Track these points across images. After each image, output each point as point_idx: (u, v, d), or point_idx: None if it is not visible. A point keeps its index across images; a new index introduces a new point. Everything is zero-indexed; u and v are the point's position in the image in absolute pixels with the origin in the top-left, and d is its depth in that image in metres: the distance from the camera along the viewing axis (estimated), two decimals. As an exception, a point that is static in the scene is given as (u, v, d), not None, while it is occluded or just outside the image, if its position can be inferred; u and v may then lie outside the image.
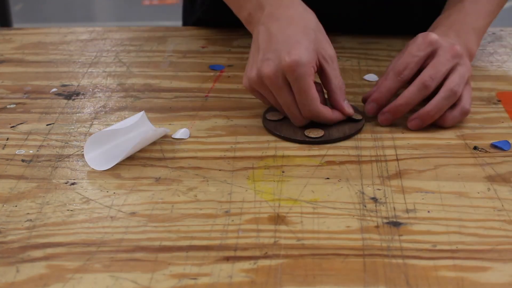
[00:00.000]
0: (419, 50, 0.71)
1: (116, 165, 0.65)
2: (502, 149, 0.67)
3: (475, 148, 0.68)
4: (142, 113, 0.69)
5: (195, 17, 1.02)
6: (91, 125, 0.73)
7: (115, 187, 0.62)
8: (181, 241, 0.54)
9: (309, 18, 0.70)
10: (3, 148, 0.68)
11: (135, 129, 0.68)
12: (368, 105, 0.72)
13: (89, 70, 0.87)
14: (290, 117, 0.70)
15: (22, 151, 0.68)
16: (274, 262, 0.52)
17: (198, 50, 0.93)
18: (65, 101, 0.78)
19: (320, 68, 0.69)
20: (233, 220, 0.57)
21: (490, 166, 0.64)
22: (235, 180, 0.62)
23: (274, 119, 0.72)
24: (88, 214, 0.58)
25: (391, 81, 0.71)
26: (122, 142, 0.67)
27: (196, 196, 0.60)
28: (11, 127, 0.73)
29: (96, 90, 0.81)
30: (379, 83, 0.73)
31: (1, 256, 0.53)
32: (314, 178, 0.63)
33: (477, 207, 0.58)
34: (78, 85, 0.83)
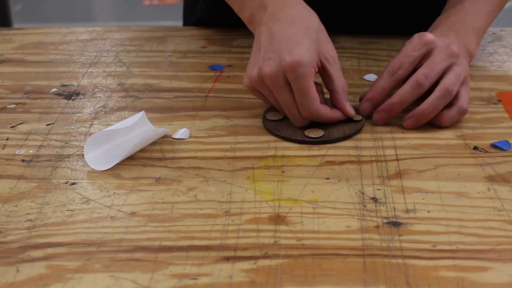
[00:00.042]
0: (414, 50, 0.71)
1: (116, 165, 0.65)
2: (502, 149, 0.67)
3: (475, 148, 0.68)
4: (142, 113, 0.69)
5: (195, 17, 1.02)
6: (91, 125, 0.73)
7: (115, 187, 0.62)
8: (181, 241, 0.54)
9: (312, 19, 0.70)
10: (3, 148, 0.68)
11: (135, 129, 0.68)
12: (363, 104, 0.73)
13: (89, 70, 0.87)
14: (290, 118, 0.70)
15: (22, 151, 0.68)
16: (274, 262, 0.52)
17: (198, 50, 0.93)
18: (65, 101, 0.78)
19: (322, 69, 0.69)
20: (233, 220, 0.57)
21: (490, 166, 0.64)
22: (235, 180, 0.62)
23: (274, 119, 0.72)
24: (88, 214, 0.58)
25: (385, 81, 0.72)
26: (122, 142, 0.67)
27: (196, 196, 0.60)
28: (11, 127, 0.73)
29: (96, 90, 0.81)
30: (374, 83, 0.73)
31: (1, 256, 0.53)
32: (314, 178, 0.63)
33: (477, 207, 0.58)
34: (78, 85, 0.83)
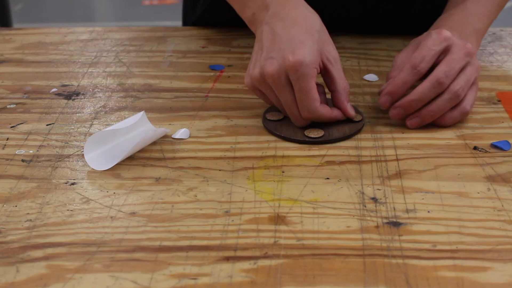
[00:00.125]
0: (435, 45, 0.70)
1: (116, 165, 0.65)
2: (502, 149, 0.67)
3: (475, 148, 0.68)
4: (142, 113, 0.69)
5: (195, 17, 1.02)
6: (91, 125, 0.73)
7: (115, 187, 0.62)
8: (181, 241, 0.54)
9: (314, 19, 0.70)
10: (3, 148, 0.68)
11: (135, 129, 0.68)
12: (383, 98, 0.72)
13: (89, 70, 0.87)
14: (291, 117, 0.70)
15: (22, 151, 0.68)
16: (274, 262, 0.52)
17: (198, 50, 0.93)
18: (65, 101, 0.78)
19: (324, 69, 0.69)
20: (233, 220, 0.57)
21: (490, 166, 0.64)
22: (235, 180, 0.62)
23: (274, 119, 0.72)
24: (88, 214, 0.58)
25: (407, 74, 0.70)
26: (122, 142, 0.67)
27: (196, 196, 0.60)
28: (11, 127, 0.73)
29: (96, 90, 0.81)
30: (393, 77, 0.72)
31: (1, 256, 0.53)
32: (314, 178, 0.63)
33: (477, 207, 0.58)
34: (78, 85, 0.83)
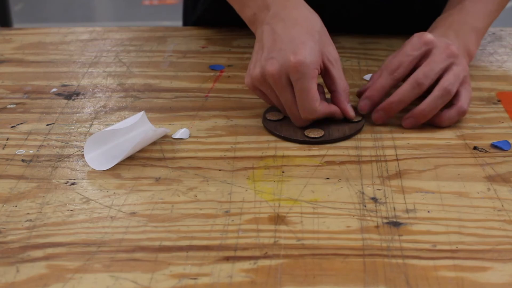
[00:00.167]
0: (414, 50, 0.71)
1: (116, 165, 0.65)
2: (502, 149, 0.67)
3: (475, 148, 0.68)
4: (142, 113, 0.69)
5: (195, 17, 1.02)
6: (91, 125, 0.73)
7: (115, 187, 0.62)
8: (181, 241, 0.54)
9: (314, 20, 0.70)
10: (3, 148, 0.68)
11: (135, 129, 0.68)
12: (362, 102, 0.72)
13: (89, 70, 0.87)
14: (291, 117, 0.70)
15: (22, 151, 0.68)
16: (274, 262, 0.52)
17: (198, 50, 0.93)
18: (65, 101, 0.79)
19: (325, 70, 0.70)
20: (233, 220, 0.57)
21: (490, 166, 0.64)
22: (235, 180, 0.62)
23: (274, 119, 0.72)
24: (88, 214, 0.58)
25: (385, 79, 0.71)
26: (122, 142, 0.67)
27: (196, 196, 0.60)
28: (11, 127, 0.73)
29: (96, 90, 0.81)
30: (373, 81, 0.73)
31: (1, 256, 0.53)
32: (314, 178, 0.63)
33: (477, 207, 0.58)
34: (78, 85, 0.83)
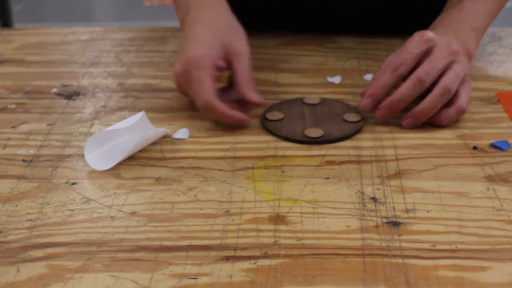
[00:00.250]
0: (415, 47, 0.71)
1: (116, 165, 0.65)
2: (502, 149, 0.67)
3: (475, 148, 0.68)
4: (142, 113, 0.69)
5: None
6: (92, 125, 0.73)
7: (115, 187, 0.62)
8: (181, 241, 0.54)
9: (223, 19, 0.74)
10: (4, 148, 0.68)
11: (135, 129, 0.68)
12: (364, 100, 0.73)
13: (90, 70, 0.87)
14: (199, 109, 0.71)
15: (23, 151, 0.68)
16: (274, 262, 0.52)
17: (198, 50, 0.93)
18: (66, 101, 0.79)
19: (229, 64, 0.73)
20: (233, 220, 0.57)
21: (490, 166, 0.65)
22: (235, 180, 0.63)
23: (274, 119, 0.72)
24: (89, 214, 0.58)
25: (387, 77, 0.72)
26: (122, 142, 0.67)
27: (196, 196, 0.60)
28: (12, 127, 0.73)
29: (97, 90, 0.81)
30: (375, 79, 0.73)
31: (2, 256, 0.53)
32: (314, 178, 0.63)
33: (477, 207, 0.58)
34: (79, 85, 0.83)
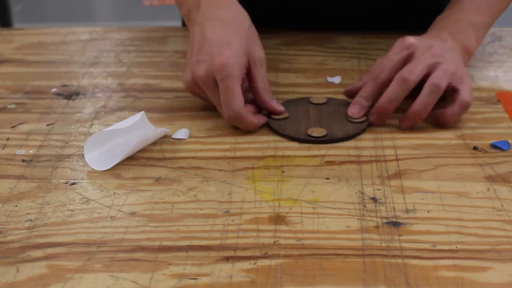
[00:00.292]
0: (395, 54, 0.72)
1: (116, 165, 0.65)
2: (502, 149, 0.67)
3: (475, 148, 0.68)
4: (142, 113, 0.69)
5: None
6: (91, 125, 0.73)
7: (115, 187, 0.62)
8: (181, 241, 0.54)
9: (243, 20, 0.71)
10: (4, 148, 0.68)
11: (135, 129, 0.68)
12: (352, 108, 0.72)
13: (89, 70, 0.87)
14: (225, 119, 0.70)
15: (22, 151, 0.68)
16: (274, 262, 0.52)
17: (198, 50, 0.93)
18: (65, 101, 0.79)
19: (248, 71, 0.71)
20: (233, 220, 0.57)
21: (490, 166, 0.64)
22: (235, 180, 0.63)
23: (279, 118, 0.72)
24: (88, 214, 0.58)
25: (369, 86, 0.72)
26: (122, 142, 0.67)
27: (196, 196, 0.60)
28: (12, 127, 0.73)
29: (96, 90, 0.81)
30: (358, 88, 0.74)
31: (1, 256, 0.53)
32: (314, 178, 0.63)
33: (477, 207, 0.58)
34: (78, 85, 0.83)
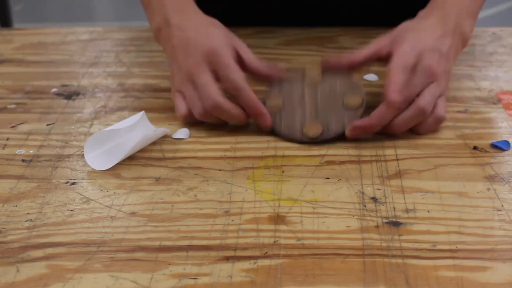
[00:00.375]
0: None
1: (116, 165, 0.65)
2: (502, 149, 0.67)
3: (475, 148, 0.68)
4: (142, 113, 0.69)
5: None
6: (91, 125, 0.73)
7: (115, 187, 0.62)
8: (181, 241, 0.54)
9: (216, 21, 0.73)
10: (4, 148, 0.68)
11: (135, 129, 0.68)
12: (353, 131, 0.68)
13: (89, 70, 0.87)
14: (254, 118, 0.70)
15: (22, 151, 0.68)
16: (274, 262, 0.52)
17: (198, 50, 0.93)
18: (65, 101, 0.79)
19: (237, 56, 0.71)
20: (233, 220, 0.57)
21: (490, 166, 0.64)
22: (235, 180, 0.63)
23: (274, 110, 0.70)
24: (88, 214, 0.58)
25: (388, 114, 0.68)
26: (122, 142, 0.67)
27: (196, 196, 0.60)
28: (12, 127, 0.73)
29: (96, 90, 0.81)
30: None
31: (1, 256, 0.53)
32: (314, 178, 0.63)
33: (477, 207, 0.58)
34: (78, 85, 0.83)
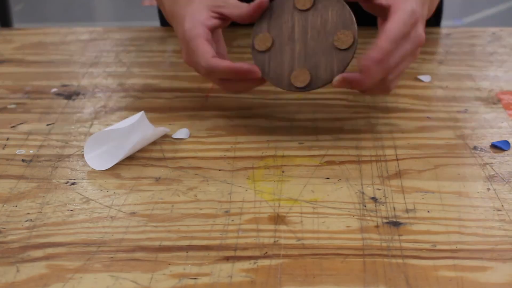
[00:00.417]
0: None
1: (116, 165, 0.65)
2: (502, 149, 0.67)
3: (475, 148, 0.68)
4: (142, 113, 0.69)
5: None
6: (91, 125, 0.73)
7: (115, 187, 0.62)
8: (181, 241, 0.54)
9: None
10: (3, 148, 0.68)
11: (135, 129, 0.68)
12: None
13: (89, 70, 0.87)
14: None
15: (22, 151, 0.68)
16: (274, 262, 0.52)
17: (198, 50, 0.93)
18: (65, 101, 0.79)
19: (222, 16, 0.70)
20: (233, 220, 0.57)
21: (490, 166, 0.64)
22: (235, 180, 0.63)
23: (263, 50, 0.70)
24: (88, 214, 0.58)
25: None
26: (122, 142, 0.67)
27: (196, 196, 0.60)
28: (11, 127, 0.73)
29: (96, 90, 0.81)
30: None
31: (1, 256, 0.53)
32: (314, 178, 0.63)
33: (477, 207, 0.58)
34: (78, 85, 0.83)
